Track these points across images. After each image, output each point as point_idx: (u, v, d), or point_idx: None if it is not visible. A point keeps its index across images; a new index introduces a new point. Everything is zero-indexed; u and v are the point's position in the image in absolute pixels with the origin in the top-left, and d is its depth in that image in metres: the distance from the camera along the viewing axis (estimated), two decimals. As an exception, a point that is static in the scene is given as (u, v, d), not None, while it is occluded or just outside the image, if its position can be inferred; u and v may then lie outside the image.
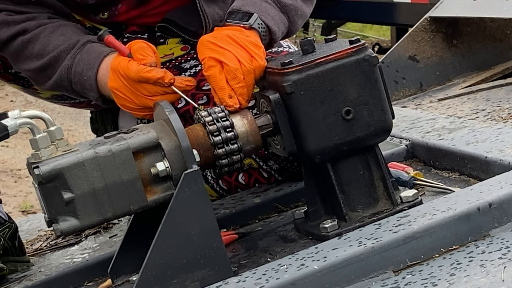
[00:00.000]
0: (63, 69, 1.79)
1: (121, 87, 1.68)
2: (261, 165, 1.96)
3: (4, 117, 1.48)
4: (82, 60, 1.77)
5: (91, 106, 2.14)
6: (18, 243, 1.92)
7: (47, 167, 1.44)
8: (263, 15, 1.72)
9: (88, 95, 1.80)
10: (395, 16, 7.02)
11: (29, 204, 5.37)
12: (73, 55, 1.78)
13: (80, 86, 1.78)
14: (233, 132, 1.53)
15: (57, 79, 1.81)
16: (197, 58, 1.93)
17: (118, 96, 1.69)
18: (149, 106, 1.67)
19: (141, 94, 1.66)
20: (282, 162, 1.94)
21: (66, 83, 1.80)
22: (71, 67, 1.78)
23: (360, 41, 1.55)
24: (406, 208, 1.54)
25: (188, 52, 1.99)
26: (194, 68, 1.96)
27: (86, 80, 1.76)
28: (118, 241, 1.88)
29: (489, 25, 2.80)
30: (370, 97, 1.54)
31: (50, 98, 2.11)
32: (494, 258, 1.32)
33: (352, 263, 1.37)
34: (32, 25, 1.83)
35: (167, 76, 1.63)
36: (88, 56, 1.77)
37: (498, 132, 1.83)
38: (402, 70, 2.74)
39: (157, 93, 1.65)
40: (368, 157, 1.58)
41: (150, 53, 1.67)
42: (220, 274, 1.46)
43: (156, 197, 1.49)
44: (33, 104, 7.90)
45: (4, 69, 1.98)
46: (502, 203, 1.44)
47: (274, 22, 1.73)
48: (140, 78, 1.64)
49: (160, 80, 1.63)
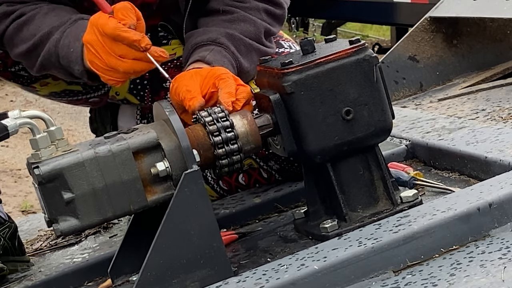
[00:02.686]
0: (52, 43, 1.77)
1: (95, 41, 1.64)
2: (261, 165, 1.96)
3: (4, 117, 1.48)
4: (71, 33, 1.74)
5: (89, 103, 2.14)
6: (18, 243, 1.92)
7: (47, 167, 1.44)
8: None
9: (73, 70, 1.75)
10: (395, 16, 7.02)
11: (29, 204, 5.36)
12: (63, 30, 1.76)
13: (67, 59, 1.74)
14: (233, 132, 1.53)
15: (46, 54, 1.78)
16: None
17: (90, 51, 1.65)
18: (116, 69, 1.63)
19: (112, 54, 1.62)
20: (283, 163, 1.94)
21: (54, 58, 1.77)
22: (59, 40, 1.76)
23: (360, 41, 1.55)
24: (406, 208, 1.54)
25: None
26: None
27: (72, 52, 1.73)
28: (118, 241, 1.88)
29: (489, 25, 2.80)
30: (370, 97, 1.54)
31: (48, 95, 2.11)
32: (494, 258, 1.32)
33: (352, 263, 1.37)
34: (28, 9, 1.82)
35: (144, 40, 1.60)
36: (76, 30, 1.73)
37: (498, 132, 1.83)
38: (402, 70, 2.74)
39: (129, 57, 1.62)
40: (368, 157, 1.58)
41: (132, 15, 1.63)
42: (220, 274, 1.46)
43: (156, 197, 1.49)
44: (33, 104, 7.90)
45: (3, 67, 1.98)
46: (502, 203, 1.44)
47: None
48: (116, 36, 1.61)
49: (136, 43, 1.60)
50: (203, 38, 1.84)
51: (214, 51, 1.80)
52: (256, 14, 1.91)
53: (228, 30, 1.86)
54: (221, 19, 1.89)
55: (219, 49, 1.82)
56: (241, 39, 1.85)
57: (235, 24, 1.88)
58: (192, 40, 1.85)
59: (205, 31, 1.86)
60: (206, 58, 1.78)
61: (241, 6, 1.90)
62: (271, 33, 1.93)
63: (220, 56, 1.80)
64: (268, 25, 1.92)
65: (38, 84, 2.04)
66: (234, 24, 1.88)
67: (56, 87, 2.06)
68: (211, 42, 1.83)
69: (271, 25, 1.93)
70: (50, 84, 2.05)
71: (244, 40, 1.86)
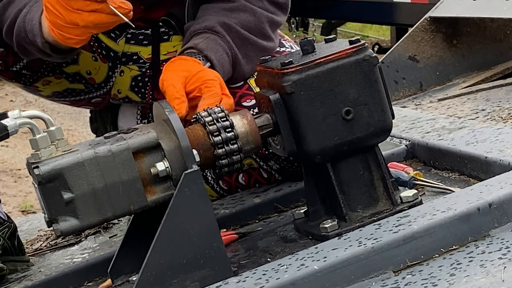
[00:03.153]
0: (21, 18, 1.75)
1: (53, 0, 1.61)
2: (261, 165, 1.96)
3: (4, 117, 1.48)
4: (36, 6, 1.72)
5: (91, 104, 2.14)
6: (18, 243, 1.92)
7: (47, 167, 1.44)
8: (218, 67, 1.80)
9: (37, 43, 1.72)
10: (395, 16, 7.02)
11: (29, 204, 5.37)
12: (32, 4, 1.74)
13: (32, 33, 1.72)
14: (233, 132, 1.53)
15: (17, 30, 1.76)
16: None
17: (50, 11, 1.62)
18: (77, 24, 1.60)
19: (70, 8, 1.58)
20: (283, 162, 1.94)
21: (24, 33, 1.75)
22: (26, 15, 1.74)
23: (360, 41, 1.55)
24: (406, 208, 1.54)
25: None
26: None
27: (34, 25, 1.71)
28: (118, 241, 1.88)
29: (489, 25, 2.81)
30: (370, 97, 1.54)
31: (50, 96, 2.11)
32: (494, 258, 1.32)
33: (352, 263, 1.37)
34: None
35: None
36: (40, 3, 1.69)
37: (498, 132, 1.83)
38: (402, 70, 2.74)
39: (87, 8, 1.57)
40: (368, 157, 1.58)
41: None
42: (220, 274, 1.46)
43: (156, 197, 1.49)
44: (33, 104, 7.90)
45: (5, 67, 1.98)
46: (502, 203, 1.44)
47: (222, 74, 1.78)
48: None
49: None
50: (200, 26, 1.86)
51: (209, 39, 1.82)
52: (258, 3, 1.91)
53: (226, 19, 1.86)
54: (221, 6, 1.90)
55: (215, 37, 1.83)
56: (238, 31, 1.86)
57: (235, 13, 1.88)
58: (191, 28, 1.87)
59: (204, 20, 1.87)
60: (198, 45, 1.80)
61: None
62: (275, 22, 1.93)
63: (215, 44, 1.81)
64: (271, 14, 1.92)
65: (41, 83, 2.05)
66: (233, 13, 1.88)
67: (58, 86, 2.07)
68: (208, 30, 1.84)
69: (275, 14, 1.93)
70: (52, 83, 2.06)
71: (240, 33, 1.86)
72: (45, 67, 2.01)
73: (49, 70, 2.02)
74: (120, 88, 2.07)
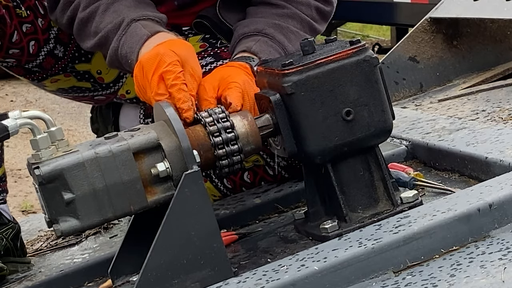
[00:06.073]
0: (112, 51, 1.79)
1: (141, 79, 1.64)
2: (268, 162, 1.96)
3: (4, 117, 1.48)
4: (126, 43, 1.76)
5: (94, 100, 2.15)
6: (20, 244, 1.92)
7: (47, 168, 1.44)
8: None
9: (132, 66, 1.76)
10: (395, 16, 7.02)
11: (29, 204, 5.37)
12: (118, 37, 1.78)
13: (129, 68, 1.77)
14: (234, 133, 1.53)
15: (109, 60, 1.81)
16: (213, 55, 1.96)
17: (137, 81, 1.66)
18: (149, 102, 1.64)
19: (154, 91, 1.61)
20: (290, 159, 1.93)
21: (118, 64, 1.80)
22: (117, 49, 1.78)
23: (360, 42, 1.55)
24: (406, 208, 1.54)
25: (206, 50, 2.00)
26: (209, 65, 1.96)
27: (130, 63, 1.75)
28: (118, 242, 1.89)
29: (489, 26, 2.80)
30: (371, 98, 1.55)
31: (55, 91, 2.13)
32: (494, 259, 1.33)
33: (352, 263, 1.38)
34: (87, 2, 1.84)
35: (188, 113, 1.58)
36: (131, 39, 1.75)
37: (498, 133, 1.83)
38: (402, 71, 2.74)
39: None
40: (368, 158, 1.58)
41: None
42: (220, 274, 1.46)
43: (156, 197, 1.49)
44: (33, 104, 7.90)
45: (17, 63, 1.99)
46: (502, 204, 1.44)
47: None
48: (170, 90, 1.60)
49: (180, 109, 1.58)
50: (250, 28, 1.88)
51: (260, 41, 1.83)
52: (307, 11, 1.93)
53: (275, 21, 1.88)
54: (270, 11, 1.91)
55: (265, 40, 1.85)
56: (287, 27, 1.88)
57: (283, 19, 1.91)
58: (239, 30, 1.89)
59: (252, 22, 1.89)
60: (252, 48, 1.82)
61: (294, 1, 1.93)
62: (315, 30, 1.97)
63: (266, 46, 1.83)
64: (314, 23, 1.96)
65: (49, 81, 2.06)
66: (282, 19, 1.91)
67: (65, 83, 2.08)
68: (258, 32, 1.86)
69: (317, 22, 1.97)
70: (60, 81, 2.06)
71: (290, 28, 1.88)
72: (57, 66, 2.03)
73: (60, 69, 2.03)
74: (130, 88, 2.07)
